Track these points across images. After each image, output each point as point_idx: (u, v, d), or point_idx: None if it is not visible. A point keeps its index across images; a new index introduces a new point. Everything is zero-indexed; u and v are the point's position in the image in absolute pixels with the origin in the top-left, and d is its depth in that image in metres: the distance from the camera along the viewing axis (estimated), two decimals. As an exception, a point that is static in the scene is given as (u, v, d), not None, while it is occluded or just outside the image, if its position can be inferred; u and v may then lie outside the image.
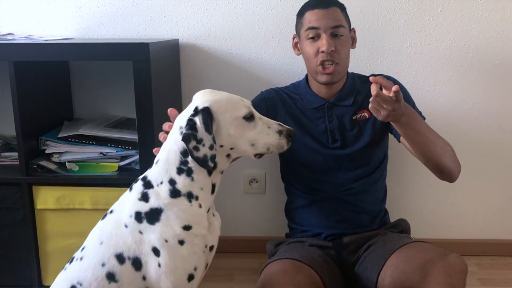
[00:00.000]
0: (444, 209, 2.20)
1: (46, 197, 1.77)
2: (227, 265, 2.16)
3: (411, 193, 2.18)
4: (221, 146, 1.21)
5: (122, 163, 1.79)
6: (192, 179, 1.20)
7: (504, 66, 2.07)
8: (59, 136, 1.81)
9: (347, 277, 1.61)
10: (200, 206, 1.22)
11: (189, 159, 1.19)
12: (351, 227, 1.65)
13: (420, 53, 2.07)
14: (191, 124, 1.16)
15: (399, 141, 1.69)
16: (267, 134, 1.24)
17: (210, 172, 1.22)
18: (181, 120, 1.21)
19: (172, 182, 1.20)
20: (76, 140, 1.80)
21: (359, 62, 2.06)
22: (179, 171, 1.20)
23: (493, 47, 2.05)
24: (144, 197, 1.21)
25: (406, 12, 2.03)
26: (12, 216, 1.79)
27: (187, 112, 1.22)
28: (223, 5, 2.06)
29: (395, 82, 1.70)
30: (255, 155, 1.26)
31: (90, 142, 1.80)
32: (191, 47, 2.10)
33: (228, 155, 1.25)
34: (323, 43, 1.56)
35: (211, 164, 1.17)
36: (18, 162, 1.76)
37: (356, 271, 1.57)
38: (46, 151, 1.81)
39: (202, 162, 1.16)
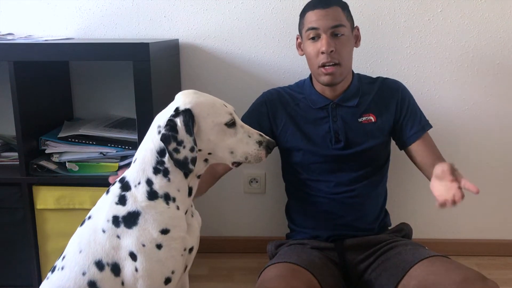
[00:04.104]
0: (444, 209, 2.19)
1: (46, 197, 1.77)
2: (227, 265, 2.16)
3: (411, 193, 2.18)
4: (200, 150, 1.19)
5: (122, 163, 1.79)
6: (169, 180, 1.18)
7: (504, 66, 2.07)
8: (59, 136, 1.81)
9: (351, 281, 1.60)
10: (177, 208, 1.20)
11: (166, 159, 1.17)
12: (352, 230, 1.64)
13: (420, 53, 2.07)
14: (171, 125, 1.14)
15: (401, 149, 1.69)
16: (247, 143, 1.22)
17: (186, 175, 1.20)
18: (159, 119, 1.19)
19: (149, 182, 1.18)
20: (76, 140, 1.80)
21: (359, 62, 2.06)
22: (156, 171, 1.18)
23: (493, 47, 2.05)
24: (121, 201, 1.18)
25: (406, 12, 2.03)
26: (12, 216, 1.79)
27: (167, 111, 1.19)
28: (223, 5, 2.06)
29: (404, 88, 1.70)
30: (233, 163, 1.24)
31: (90, 142, 1.80)
32: (191, 47, 2.10)
33: (206, 160, 1.24)
34: (322, 43, 1.55)
35: (191, 167, 1.15)
36: (18, 162, 1.76)
37: (366, 277, 1.56)
38: (46, 151, 1.81)
39: (182, 164, 1.14)
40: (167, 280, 1.18)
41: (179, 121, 1.14)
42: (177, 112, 1.16)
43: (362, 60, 2.07)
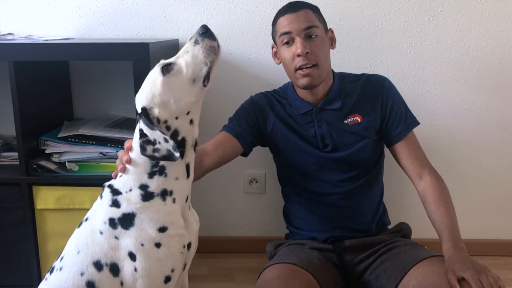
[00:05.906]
0: (444, 209, 2.19)
1: (46, 197, 1.77)
2: (227, 265, 2.16)
3: (411, 193, 2.17)
4: (177, 118, 1.18)
5: (122, 163, 1.79)
6: (166, 175, 1.18)
7: (504, 66, 2.07)
8: (59, 136, 1.81)
9: (350, 281, 1.59)
10: (174, 201, 1.20)
11: None
12: (349, 231, 1.64)
13: (420, 53, 2.07)
14: (141, 133, 1.15)
15: (387, 147, 1.68)
16: (192, 56, 1.18)
17: (182, 154, 1.19)
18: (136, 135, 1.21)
19: (143, 187, 1.18)
20: (76, 140, 1.80)
21: (360, 62, 2.06)
22: (151, 174, 1.18)
23: (493, 47, 2.05)
24: (115, 203, 1.19)
25: (406, 12, 2.03)
26: (12, 216, 1.79)
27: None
28: (223, 5, 2.06)
29: (389, 85, 1.67)
30: (204, 83, 1.19)
31: (90, 142, 1.80)
32: (191, 47, 2.10)
33: (191, 121, 1.21)
34: (297, 46, 1.52)
35: (177, 154, 1.13)
36: (18, 162, 1.76)
37: (366, 278, 1.56)
38: (46, 151, 1.81)
39: (169, 157, 1.13)
40: (167, 279, 1.18)
41: (142, 125, 1.15)
42: (139, 121, 1.18)
43: (363, 60, 2.07)
